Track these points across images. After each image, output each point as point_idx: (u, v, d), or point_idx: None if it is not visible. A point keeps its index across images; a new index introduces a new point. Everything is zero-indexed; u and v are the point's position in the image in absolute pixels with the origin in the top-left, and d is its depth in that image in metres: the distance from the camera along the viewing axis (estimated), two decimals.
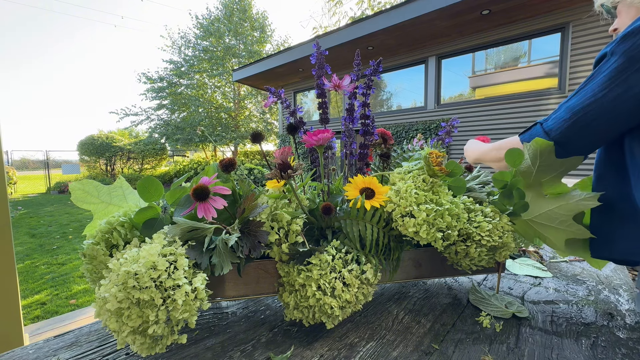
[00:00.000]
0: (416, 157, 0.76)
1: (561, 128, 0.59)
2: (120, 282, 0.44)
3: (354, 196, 0.63)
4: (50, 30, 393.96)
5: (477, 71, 5.26)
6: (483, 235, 0.61)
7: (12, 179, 10.00)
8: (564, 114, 0.60)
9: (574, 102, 0.59)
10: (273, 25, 20.72)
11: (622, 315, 0.67)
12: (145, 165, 13.27)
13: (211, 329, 0.62)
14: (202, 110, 13.98)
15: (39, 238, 4.48)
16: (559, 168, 0.59)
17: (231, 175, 0.62)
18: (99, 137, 12.47)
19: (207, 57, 13.96)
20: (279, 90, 0.82)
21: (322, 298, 0.54)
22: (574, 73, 4.11)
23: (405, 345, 0.56)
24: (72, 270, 3.17)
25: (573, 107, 0.58)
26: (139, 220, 0.58)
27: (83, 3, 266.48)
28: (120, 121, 22.01)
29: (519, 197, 0.64)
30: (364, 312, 0.69)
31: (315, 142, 0.65)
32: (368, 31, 5.02)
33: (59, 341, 0.58)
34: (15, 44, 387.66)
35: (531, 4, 4.00)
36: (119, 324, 0.45)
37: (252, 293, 0.61)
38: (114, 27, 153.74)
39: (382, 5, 12.72)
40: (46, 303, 2.45)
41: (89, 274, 0.58)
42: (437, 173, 0.65)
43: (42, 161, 12.26)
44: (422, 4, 4.31)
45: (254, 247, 0.54)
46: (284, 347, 0.56)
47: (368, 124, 0.79)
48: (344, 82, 0.76)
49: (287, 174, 0.56)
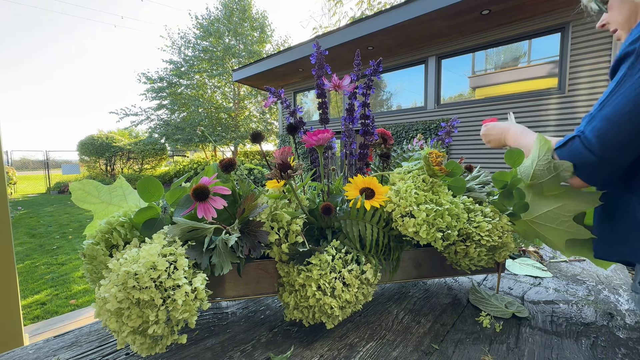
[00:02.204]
0: (416, 157, 0.76)
1: (606, 141, 0.51)
2: (120, 282, 0.44)
3: (353, 196, 0.63)
4: (50, 30, 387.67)
5: (477, 71, 5.26)
6: (483, 235, 0.61)
7: (12, 179, 10.00)
8: (604, 125, 0.52)
9: (611, 111, 0.52)
10: (273, 25, 20.74)
11: (622, 315, 0.67)
12: (145, 166, 13.26)
13: (211, 329, 0.62)
14: (202, 110, 13.98)
15: (39, 238, 4.47)
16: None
17: (231, 175, 0.62)
18: (98, 137, 12.47)
19: (207, 57, 13.96)
20: (279, 90, 0.82)
21: (322, 298, 0.54)
22: (574, 73, 4.11)
23: (405, 345, 0.56)
24: (72, 270, 3.17)
25: (613, 116, 0.51)
26: (139, 220, 0.58)
27: (83, 3, 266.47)
28: (120, 121, 22.02)
29: (519, 197, 0.65)
30: (364, 312, 0.69)
31: (315, 142, 0.65)
32: (368, 31, 5.02)
33: (59, 341, 0.58)
34: (16, 44, 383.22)
35: (531, 4, 4.00)
36: (119, 324, 0.44)
37: (252, 293, 0.61)
38: (114, 27, 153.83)
39: (382, 5, 12.72)
40: (46, 303, 2.45)
41: (89, 274, 0.58)
42: (437, 173, 0.65)
43: (42, 161, 12.25)
44: (422, 4, 4.31)
45: (254, 247, 0.54)
46: (284, 347, 0.56)
47: (368, 124, 0.79)
48: (344, 82, 0.76)
49: (287, 174, 0.56)
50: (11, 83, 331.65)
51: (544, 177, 0.60)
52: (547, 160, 0.58)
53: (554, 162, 0.58)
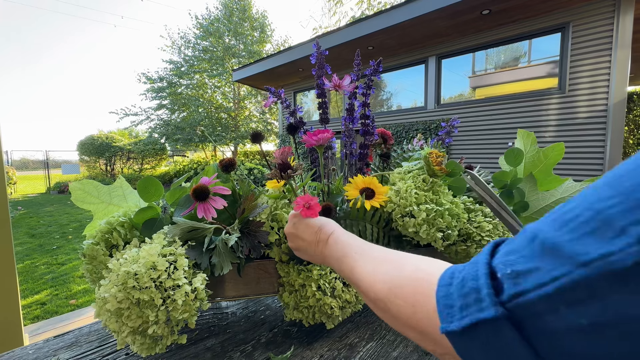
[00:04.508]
0: (416, 157, 0.76)
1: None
2: (120, 282, 0.44)
3: (354, 196, 0.63)
4: (50, 30, 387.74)
5: (477, 71, 5.26)
6: (483, 236, 0.61)
7: (12, 179, 9.99)
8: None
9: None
10: (273, 25, 20.72)
11: None
12: (145, 165, 13.26)
13: (211, 329, 0.62)
14: (202, 110, 13.98)
15: (39, 238, 4.47)
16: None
17: (231, 175, 0.62)
18: (98, 137, 12.47)
19: (207, 57, 13.96)
20: (279, 90, 0.82)
21: (322, 298, 0.54)
22: (574, 73, 4.11)
23: (405, 345, 0.56)
24: (72, 270, 3.16)
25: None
26: (138, 221, 0.58)
27: (83, 3, 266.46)
28: (120, 121, 22.04)
29: (519, 197, 0.65)
30: (364, 312, 0.68)
31: (315, 142, 0.64)
32: (368, 31, 5.01)
33: (59, 341, 0.58)
34: (16, 45, 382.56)
35: (531, 4, 4.00)
36: (118, 324, 0.44)
37: (252, 293, 0.61)
38: (114, 27, 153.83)
39: (382, 5, 12.72)
40: (46, 303, 2.45)
41: (89, 274, 0.57)
42: (437, 173, 0.64)
43: (42, 161, 12.25)
44: (422, 3, 4.31)
45: (254, 247, 0.54)
46: (284, 347, 0.56)
47: (368, 124, 0.78)
48: (344, 82, 0.76)
49: (287, 174, 0.56)
50: (11, 83, 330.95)
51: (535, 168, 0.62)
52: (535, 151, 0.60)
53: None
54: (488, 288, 0.18)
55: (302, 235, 0.45)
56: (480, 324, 0.18)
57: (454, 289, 0.21)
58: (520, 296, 0.17)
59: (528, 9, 4.12)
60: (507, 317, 0.17)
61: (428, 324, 0.23)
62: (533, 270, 0.16)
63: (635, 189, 0.14)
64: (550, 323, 0.15)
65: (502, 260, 0.19)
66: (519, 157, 0.66)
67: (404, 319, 0.26)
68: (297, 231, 0.46)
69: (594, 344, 0.14)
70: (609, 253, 0.13)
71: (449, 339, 0.20)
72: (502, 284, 0.18)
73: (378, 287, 0.30)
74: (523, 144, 0.61)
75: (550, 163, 0.62)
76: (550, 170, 0.61)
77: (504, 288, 0.18)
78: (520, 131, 0.62)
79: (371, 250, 0.36)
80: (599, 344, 0.14)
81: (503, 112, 4.74)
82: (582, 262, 0.14)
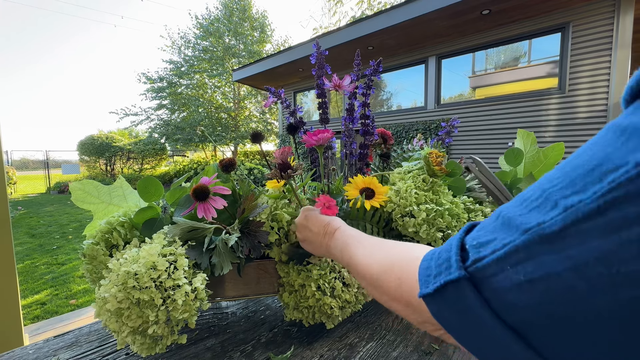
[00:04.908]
0: (416, 157, 0.76)
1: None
2: (120, 282, 0.44)
3: (354, 196, 0.63)
4: (50, 30, 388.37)
5: (477, 71, 5.26)
6: None
7: (12, 179, 10.00)
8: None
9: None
10: (273, 25, 20.74)
11: None
12: (145, 165, 13.26)
13: (211, 329, 0.62)
14: (202, 110, 13.98)
15: (39, 238, 4.47)
16: None
17: (231, 175, 0.62)
18: (98, 137, 12.47)
19: (207, 57, 13.96)
20: (279, 90, 0.82)
21: (321, 298, 0.54)
22: (574, 73, 4.11)
23: (405, 345, 0.56)
24: (72, 270, 3.16)
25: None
26: (139, 220, 0.58)
27: (83, 3, 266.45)
28: (120, 121, 22.04)
29: None
30: (364, 312, 0.69)
31: (315, 142, 0.65)
32: (368, 31, 5.01)
33: (59, 341, 0.58)
34: (16, 46, 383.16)
35: (531, 4, 4.00)
36: (118, 324, 0.44)
37: (252, 293, 0.61)
38: (114, 27, 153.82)
39: (382, 5, 12.73)
40: (46, 303, 2.45)
41: (89, 274, 0.58)
42: (437, 173, 0.65)
43: (42, 161, 12.25)
44: (422, 4, 4.31)
45: (254, 247, 0.54)
46: (284, 347, 0.56)
47: (368, 124, 0.78)
48: (344, 82, 0.76)
49: (287, 174, 0.56)
50: (12, 84, 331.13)
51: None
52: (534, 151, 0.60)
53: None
54: (456, 256, 0.22)
55: (312, 227, 0.50)
56: (447, 285, 0.22)
57: (432, 262, 0.25)
58: (479, 261, 0.20)
59: (528, 9, 4.12)
60: (467, 279, 0.20)
61: (411, 294, 0.27)
62: (492, 240, 0.20)
63: (572, 170, 0.17)
64: (500, 282, 0.19)
65: (472, 235, 0.23)
66: (519, 157, 0.66)
67: (392, 293, 0.30)
68: (307, 222, 0.51)
69: (529, 297, 0.17)
70: (543, 222, 0.17)
71: (425, 302, 0.24)
72: (468, 253, 0.21)
73: (374, 268, 0.34)
74: (523, 144, 0.61)
75: (550, 163, 0.62)
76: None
77: (469, 256, 0.21)
78: (520, 131, 0.62)
79: (370, 239, 0.41)
80: (532, 297, 0.17)
81: (503, 112, 4.74)
82: (524, 229, 0.18)
